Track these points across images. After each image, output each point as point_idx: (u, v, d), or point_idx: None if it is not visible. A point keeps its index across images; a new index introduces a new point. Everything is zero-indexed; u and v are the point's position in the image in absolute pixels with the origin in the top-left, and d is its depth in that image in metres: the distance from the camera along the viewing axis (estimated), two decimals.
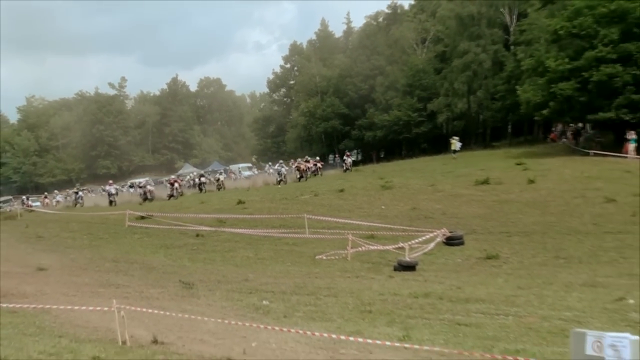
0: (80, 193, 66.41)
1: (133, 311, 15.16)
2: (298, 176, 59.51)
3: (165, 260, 28.38)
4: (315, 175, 62.94)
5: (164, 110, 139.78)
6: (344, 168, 65.94)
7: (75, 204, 63.27)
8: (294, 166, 64.40)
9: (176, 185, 57.57)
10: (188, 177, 79.94)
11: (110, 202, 57.65)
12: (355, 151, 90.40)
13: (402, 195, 40.40)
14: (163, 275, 24.49)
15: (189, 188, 68.64)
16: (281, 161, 67.44)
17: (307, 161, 63.41)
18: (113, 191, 59.27)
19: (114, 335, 14.22)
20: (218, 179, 64.36)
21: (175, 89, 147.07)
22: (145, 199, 57.58)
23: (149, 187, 61.03)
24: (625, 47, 49.12)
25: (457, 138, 63.16)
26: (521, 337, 14.53)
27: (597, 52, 49.55)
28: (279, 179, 59.29)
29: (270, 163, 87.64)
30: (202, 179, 62.24)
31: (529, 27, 65.51)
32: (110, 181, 66.71)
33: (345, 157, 68.84)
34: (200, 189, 60.48)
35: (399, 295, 19.60)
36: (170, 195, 56.35)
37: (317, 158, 66.72)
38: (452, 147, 61.84)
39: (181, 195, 57.63)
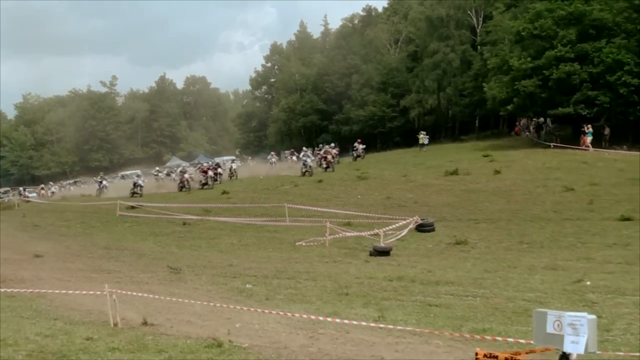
0: (104, 182, 60.82)
1: (124, 295, 15.08)
2: (324, 166, 52.66)
3: (154, 247, 28.27)
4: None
5: (153, 106, 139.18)
6: (355, 156, 62.31)
7: (100, 194, 58.01)
8: (318, 156, 56.79)
9: (210, 173, 51.93)
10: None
11: (133, 194, 50.78)
12: (333, 144, 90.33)
13: (377, 185, 40.48)
14: (152, 261, 24.41)
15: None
16: (305, 149, 58.63)
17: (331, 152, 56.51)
18: (140, 182, 52.31)
19: (106, 317, 14.14)
20: (231, 168, 59.12)
21: (163, 87, 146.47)
22: (134, 193, 51.28)
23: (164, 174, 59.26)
24: (582, 47, 49.54)
25: (424, 133, 63.37)
26: (488, 317, 14.59)
27: (557, 51, 49.88)
28: (304, 170, 51.19)
29: (290, 150, 78.63)
30: (219, 170, 54.91)
31: (494, 29, 65.69)
32: (138, 171, 64.20)
33: (356, 144, 63.48)
34: (215, 179, 52.95)
35: (374, 278, 19.63)
36: (204, 184, 50.89)
37: (332, 144, 59.45)
38: (420, 142, 61.98)
39: (216, 183, 51.95)
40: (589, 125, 48.03)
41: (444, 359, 11.25)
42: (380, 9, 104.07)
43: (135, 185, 52.05)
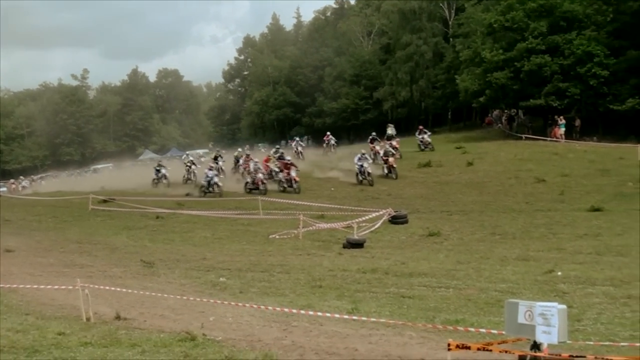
0: (163, 171, 46.66)
1: (97, 289, 15.00)
2: (385, 172, 40.23)
3: (127, 241, 28.07)
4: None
5: (125, 100, 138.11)
6: (326, 147, 56.37)
7: (157, 182, 46.17)
8: (372, 152, 44.62)
9: (293, 173, 39.31)
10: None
11: (156, 181, 45.34)
12: (306, 137, 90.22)
13: (350, 177, 40.47)
14: (125, 255, 24.24)
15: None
16: (363, 152, 41.00)
17: (391, 143, 45.01)
18: (164, 171, 45.84)
19: (79, 312, 14.06)
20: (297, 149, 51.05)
21: (135, 80, 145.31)
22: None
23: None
24: (553, 39, 49.93)
25: (392, 125, 63.76)
26: (461, 308, 14.69)
27: (528, 43, 50.26)
28: (361, 178, 39.17)
29: (296, 140, 60.44)
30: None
31: (466, 21, 65.90)
32: (161, 160, 57.88)
33: (326, 138, 56.48)
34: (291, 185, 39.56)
35: (347, 270, 19.67)
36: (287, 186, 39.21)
37: (305, 137, 54.51)
38: (389, 132, 62.42)
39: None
40: (561, 117, 48.47)
41: (417, 351, 11.30)
42: (352, 1, 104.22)
43: (189, 171, 45.76)
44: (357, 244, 24.38)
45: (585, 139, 46.92)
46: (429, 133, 51.04)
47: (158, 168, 47.09)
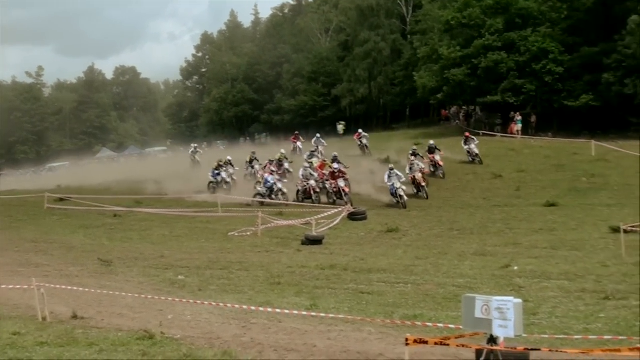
0: (224, 174, 39.88)
1: (53, 289, 14.85)
2: (415, 190, 33.59)
3: (84, 240, 27.79)
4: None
5: (81, 97, 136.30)
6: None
7: (215, 187, 39.12)
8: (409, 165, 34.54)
9: (342, 184, 33.29)
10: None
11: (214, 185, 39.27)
12: (265, 134, 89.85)
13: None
14: (82, 254, 24.01)
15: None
16: (392, 167, 33.24)
17: (432, 152, 37.88)
18: (224, 175, 39.82)
19: (34, 312, 13.91)
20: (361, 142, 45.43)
21: (92, 77, 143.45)
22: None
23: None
24: (509, 36, 50.53)
25: (343, 123, 64.60)
26: (419, 303, 14.82)
27: (485, 40, 50.79)
28: (395, 200, 31.99)
29: (295, 134, 52.61)
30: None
31: (423, 18, 66.28)
32: (195, 144, 55.77)
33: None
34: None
35: (306, 267, 19.72)
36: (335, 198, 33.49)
37: (342, 126, 52.34)
38: (339, 131, 63.53)
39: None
40: (518, 113, 49.07)
41: (375, 346, 11.38)
42: None
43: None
44: (316, 241, 24.43)
45: (541, 134, 47.57)
46: (477, 141, 40.55)
47: (217, 171, 39.36)
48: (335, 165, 35.00)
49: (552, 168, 36.58)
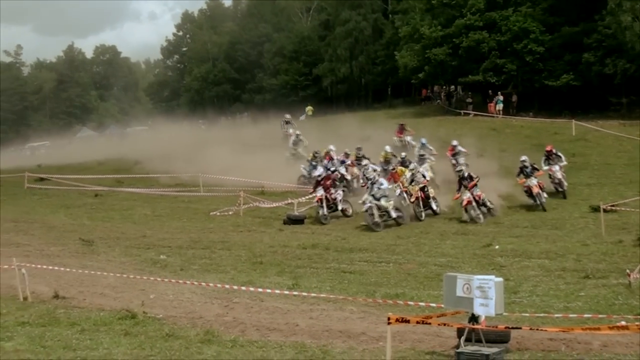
0: (293, 139, 38.62)
1: (34, 269, 14.79)
2: (418, 210, 24.69)
3: (65, 220, 27.66)
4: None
5: (61, 76, 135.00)
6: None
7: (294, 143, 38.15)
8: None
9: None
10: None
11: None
12: (246, 114, 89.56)
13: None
14: (63, 234, 23.91)
15: None
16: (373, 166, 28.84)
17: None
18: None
19: (15, 292, 13.87)
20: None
21: (72, 56, 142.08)
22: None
23: None
24: (490, 15, 50.50)
25: (310, 108, 65.10)
26: (401, 282, 14.91)
27: (466, 20, 50.72)
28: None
29: (286, 119, 47.39)
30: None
31: None
32: (288, 115, 47.56)
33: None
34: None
35: (288, 246, 19.78)
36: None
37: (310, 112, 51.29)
38: (307, 113, 64.08)
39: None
40: (499, 93, 49.19)
41: (357, 325, 11.43)
42: None
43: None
44: (298, 220, 24.49)
45: (522, 114, 47.70)
46: (565, 161, 28.38)
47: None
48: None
49: (533, 148, 36.58)
